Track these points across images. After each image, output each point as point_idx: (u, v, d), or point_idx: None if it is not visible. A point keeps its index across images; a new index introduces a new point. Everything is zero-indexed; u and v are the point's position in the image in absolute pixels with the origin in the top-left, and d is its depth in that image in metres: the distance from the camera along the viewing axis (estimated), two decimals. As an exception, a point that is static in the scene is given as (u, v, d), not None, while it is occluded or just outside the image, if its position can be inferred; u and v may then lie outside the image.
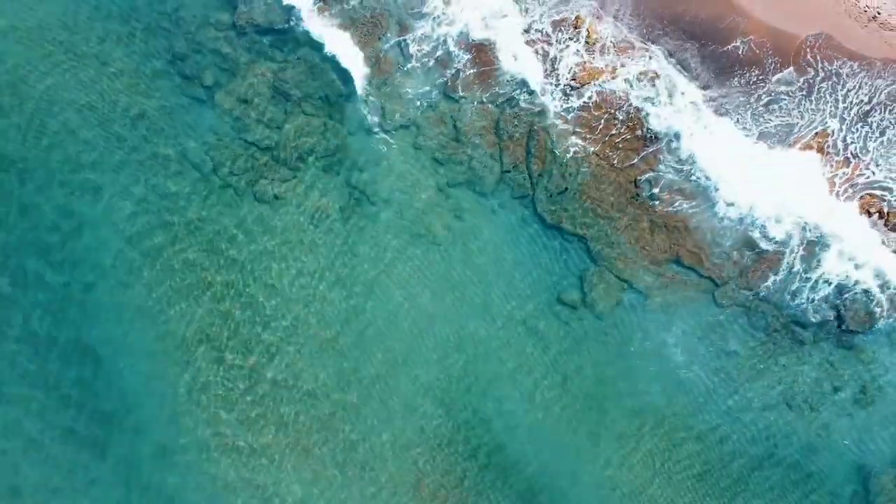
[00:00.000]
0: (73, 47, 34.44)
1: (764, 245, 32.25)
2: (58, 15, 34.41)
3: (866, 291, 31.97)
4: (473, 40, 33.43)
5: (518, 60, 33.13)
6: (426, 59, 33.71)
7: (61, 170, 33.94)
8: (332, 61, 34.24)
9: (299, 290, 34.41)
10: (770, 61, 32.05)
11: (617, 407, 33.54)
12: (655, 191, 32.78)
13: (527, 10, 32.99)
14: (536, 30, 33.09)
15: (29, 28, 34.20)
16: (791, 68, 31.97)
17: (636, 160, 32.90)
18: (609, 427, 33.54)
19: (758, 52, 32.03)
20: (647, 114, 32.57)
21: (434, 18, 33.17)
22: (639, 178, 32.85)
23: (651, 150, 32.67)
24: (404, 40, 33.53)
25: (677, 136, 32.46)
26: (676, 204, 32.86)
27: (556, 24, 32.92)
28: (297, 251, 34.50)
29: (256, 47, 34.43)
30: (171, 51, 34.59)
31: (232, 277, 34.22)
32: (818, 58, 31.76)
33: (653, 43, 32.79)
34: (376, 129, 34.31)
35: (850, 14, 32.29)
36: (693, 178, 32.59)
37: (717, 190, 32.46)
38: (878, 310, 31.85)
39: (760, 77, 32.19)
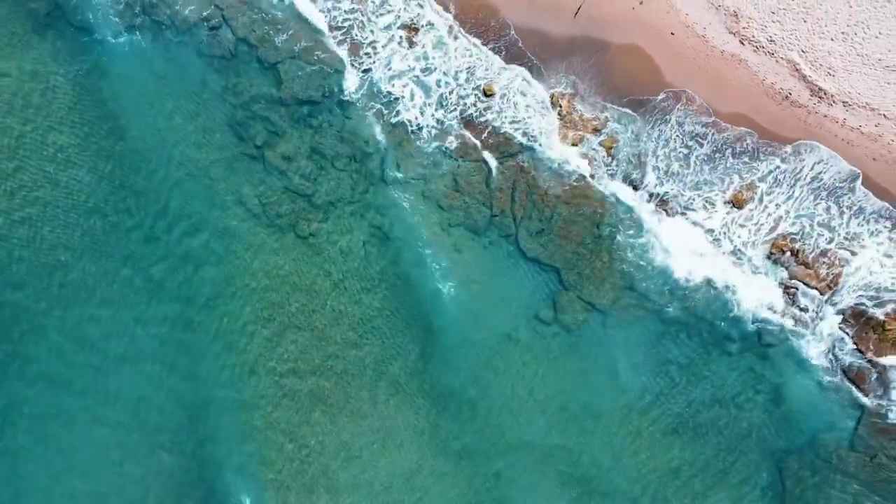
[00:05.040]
0: (153, 117, 41.22)
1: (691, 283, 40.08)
2: (141, 91, 41.43)
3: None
4: (469, 118, 40.54)
5: (505, 131, 40.32)
6: (434, 129, 40.56)
7: (146, 209, 41.28)
8: (358, 128, 40.85)
9: (326, 305, 41.59)
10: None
11: (578, 401, 40.37)
12: (612, 230, 40.19)
13: (508, 91, 40.49)
14: (517, 103, 40.41)
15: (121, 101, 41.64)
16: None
17: (598, 206, 40.21)
18: (569, 418, 40.45)
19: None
20: (608, 170, 40.17)
21: (442, 101, 40.85)
22: (600, 221, 40.46)
23: (608, 200, 40.45)
24: (418, 121, 40.66)
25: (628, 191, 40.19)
26: (631, 240, 40.23)
27: (536, 101, 40.41)
28: (328, 276, 41.34)
29: (298, 116, 40.69)
30: (231, 118, 40.86)
31: (278, 296, 41.39)
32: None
33: (614, 117, 40.07)
34: (392, 182, 40.70)
35: (768, 94, 39.44)
36: (640, 221, 40.15)
37: (658, 234, 40.16)
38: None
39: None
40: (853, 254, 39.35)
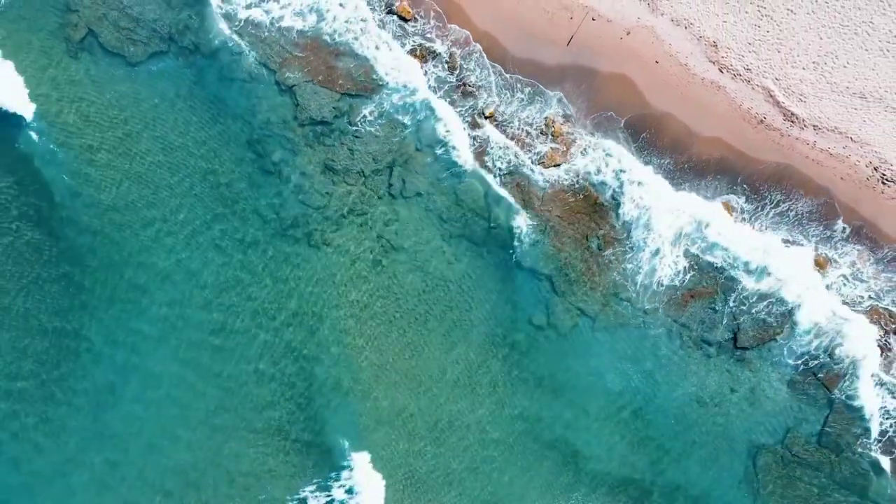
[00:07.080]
0: (178, 135, 44.15)
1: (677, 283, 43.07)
2: (167, 111, 44.45)
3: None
4: (470, 137, 43.63)
5: (500, 149, 43.41)
6: (437, 149, 43.57)
7: (166, 220, 44.19)
8: (367, 147, 43.74)
9: (336, 309, 44.18)
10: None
11: (568, 398, 43.31)
12: (600, 242, 43.35)
13: (506, 115, 43.72)
14: (514, 126, 43.53)
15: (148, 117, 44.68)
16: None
17: (587, 220, 43.37)
18: (561, 413, 43.36)
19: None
20: (596, 186, 43.28)
21: (445, 123, 43.97)
22: (589, 233, 43.75)
23: (597, 213, 43.68)
24: (423, 141, 43.82)
25: (618, 203, 43.26)
26: (618, 252, 43.36)
27: (531, 123, 43.64)
28: (339, 282, 43.98)
29: (312, 134, 43.51)
30: (251, 136, 43.75)
31: (290, 300, 44.12)
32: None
33: (603, 135, 43.21)
34: (398, 196, 43.59)
35: (745, 118, 42.48)
36: (630, 233, 43.12)
37: (646, 243, 43.25)
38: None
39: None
40: (824, 274, 42.59)
